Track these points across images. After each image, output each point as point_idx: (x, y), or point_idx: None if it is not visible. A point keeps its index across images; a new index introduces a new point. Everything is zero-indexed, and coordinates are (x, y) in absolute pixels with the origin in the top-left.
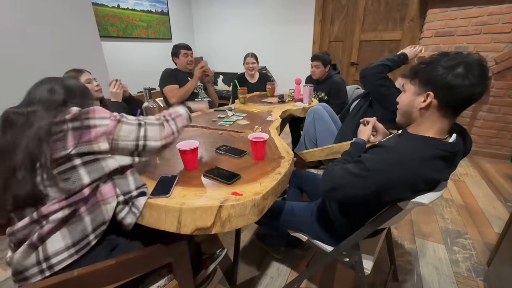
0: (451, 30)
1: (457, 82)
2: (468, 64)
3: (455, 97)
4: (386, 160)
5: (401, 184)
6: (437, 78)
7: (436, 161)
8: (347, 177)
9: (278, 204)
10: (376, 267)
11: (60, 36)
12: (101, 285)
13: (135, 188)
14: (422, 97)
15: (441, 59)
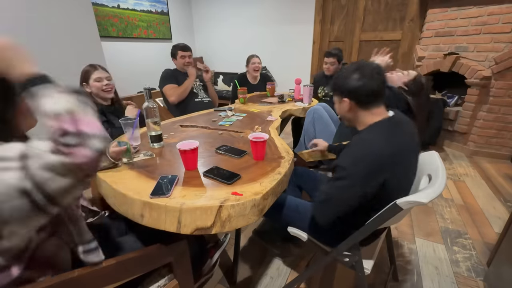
0: (451, 30)
1: (357, 84)
2: (360, 68)
3: (361, 95)
4: (355, 152)
5: (378, 166)
6: (344, 87)
7: (391, 134)
8: (332, 187)
9: (283, 198)
10: (376, 267)
11: (60, 36)
12: (101, 285)
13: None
14: (343, 103)
15: (342, 71)
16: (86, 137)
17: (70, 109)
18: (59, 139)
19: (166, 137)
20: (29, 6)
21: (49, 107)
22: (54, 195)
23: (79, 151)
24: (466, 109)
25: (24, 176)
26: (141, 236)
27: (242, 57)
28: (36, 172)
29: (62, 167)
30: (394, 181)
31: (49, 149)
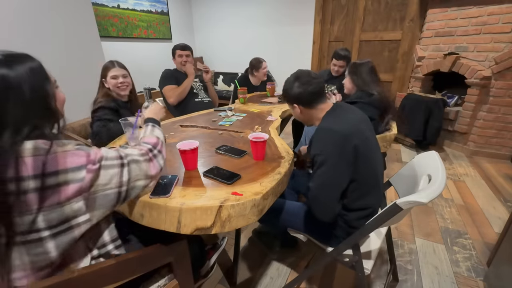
0: (451, 30)
1: (298, 90)
2: (297, 76)
3: (304, 98)
4: (320, 137)
5: (344, 137)
6: (291, 95)
7: (339, 114)
8: (317, 177)
9: (281, 203)
10: (376, 267)
11: (60, 36)
12: (101, 285)
13: (111, 240)
14: (295, 108)
15: (286, 83)
16: (160, 154)
17: (163, 139)
18: (153, 149)
19: (166, 137)
20: (29, 6)
21: (156, 133)
22: (131, 191)
23: (154, 161)
24: (466, 109)
25: (127, 171)
26: (141, 236)
27: (242, 57)
28: (133, 173)
29: (146, 172)
30: (362, 145)
31: (140, 153)
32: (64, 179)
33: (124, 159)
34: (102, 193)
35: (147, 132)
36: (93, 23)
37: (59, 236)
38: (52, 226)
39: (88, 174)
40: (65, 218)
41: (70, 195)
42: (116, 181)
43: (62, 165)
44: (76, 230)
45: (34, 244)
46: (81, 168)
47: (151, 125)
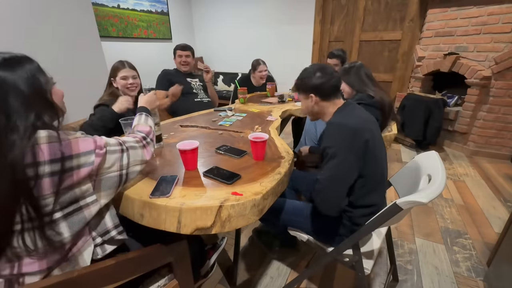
0: (451, 30)
1: (320, 81)
2: (321, 68)
3: (324, 90)
4: (332, 132)
5: (355, 131)
6: (309, 85)
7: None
8: (326, 169)
9: (281, 203)
10: (376, 267)
11: (60, 36)
12: (101, 285)
13: (113, 226)
14: (309, 99)
15: (305, 72)
16: (152, 142)
17: (154, 128)
18: (146, 137)
19: (166, 137)
20: (29, 6)
21: (148, 122)
22: (130, 174)
23: (148, 148)
24: (466, 109)
25: (126, 156)
26: (141, 236)
27: (242, 57)
28: (131, 157)
29: (142, 157)
30: (372, 141)
31: (135, 141)
32: (77, 163)
33: (123, 145)
34: (106, 175)
35: (141, 120)
36: (93, 23)
37: (70, 216)
38: (64, 207)
39: (97, 158)
40: (75, 198)
41: (81, 177)
42: (118, 165)
43: (75, 150)
44: (85, 211)
45: (48, 227)
46: (91, 153)
47: (144, 114)
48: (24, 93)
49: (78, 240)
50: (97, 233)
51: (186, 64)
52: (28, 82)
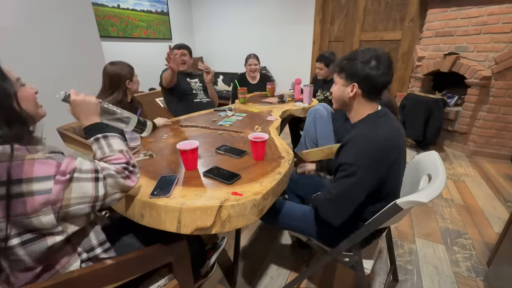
0: (451, 30)
1: (374, 72)
2: (378, 57)
3: (373, 85)
4: (357, 147)
5: (383, 153)
6: (359, 72)
7: (383, 123)
8: (340, 183)
9: (281, 205)
10: (376, 267)
11: (60, 36)
12: (101, 285)
13: (98, 244)
14: (349, 87)
15: (358, 55)
16: (136, 168)
17: (127, 149)
18: (127, 167)
19: (166, 137)
20: (29, 6)
21: (116, 145)
22: (107, 203)
23: (133, 177)
24: (466, 109)
25: (102, 186)
26: (141, 236)
27: (242, 57)
28: (109, 188)
29: (123, 186)
30: (398, 161)
31: (116, 171)
32: (29, 189)
33: (100, 173)
34: (75, 207)
35: (104, 150)
36: (93, 23)
37: (28, 245)
38: (21, 233)
39: (56, 185)
40: (34, 228)
41: (37, 207)
42: (92, 195)
43: (27, 174)
44: (48, 239)
45: (6, 251)
46: (48, 179)
47: (101, 137)
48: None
49: (59, 258)
50: (83, 248)
51: (183, 63)
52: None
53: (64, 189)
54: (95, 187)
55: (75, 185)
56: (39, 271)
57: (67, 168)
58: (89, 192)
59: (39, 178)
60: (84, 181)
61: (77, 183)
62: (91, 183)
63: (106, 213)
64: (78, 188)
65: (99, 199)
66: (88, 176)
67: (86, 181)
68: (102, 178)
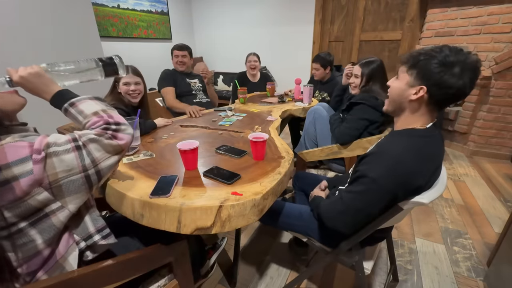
0: (451, 30)
1: (452, 81)
2: (465, 65)
3: (446, 95)
4: (385, 165)
5: (409, 179)
6: (435, 76)
7: (425, 149)
8: (356, 198)
9: (281, 206)
10: (376, 267)
11: (60, 36)
12: (101, 285)
13: (96, 231)
14: (414, 89)
15: (441, 53)
16: (121, 125)
17: (103, 109)
18: (107, 127)
19: (166, 137)
20: (29, 6)
21: (88, 109)
22: (103, 170)
23: (120, 135)
24: (466, 109)
25: (86, 153)
26: (141, 236)
27: (242, 57)
28: (95, 152)
29: (112, 147)
30: (420, 190)
31: (96, 134)
32: (11, 175)
33: (78, 141)
34: (66, 180)
35: (78, 119)
36: (93, 23)
37: (38, 223)
38: (26, 217)
39: (35, 165)
40: (35, 209)
41: (26, 189)
42: (78, 165)
43: (2, 161)
44: (52, 217)
45: (18, 235)
46: (24, 160)
47: (68, 106)
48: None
49: (59, 245)
50: (80, 237)
51: (182, 64)
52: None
53: (44, 166)
54: (78, 156)
55: (55, 160)
56: (47, 255)
57: (40, 146)
58: (73, 162)
59: (15, 162)
60: (64, 153)
61: (56, 158)
62: (72, 153)
63: (106, 213)
64: (59, 162)
65: (89, 167)
66: (66, 147)
67: (67, 153)
68: (82, 146)
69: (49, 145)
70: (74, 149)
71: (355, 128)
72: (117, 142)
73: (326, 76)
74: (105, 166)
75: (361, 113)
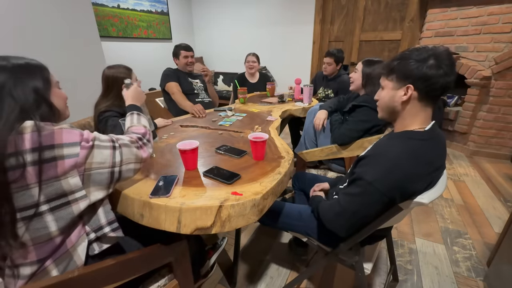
0: (451, 30)
1: (432, 72)
2: (438, 55)
3: (433, 87)
4: (382, 168)
5: (410, 181)
6: (414, 72)
7: (424, 152)
8: (353, 200)
9: (281, 206)
10: (376, 267)
11: (60, 36)
12: (101, 285)
13: (107, 223)
14: (402, 90)
15: (412, 53)
16: (150, 142)
17: (148, 126)
18: (141, 138)
19: (166, 137)
20: (29, 6)
21: (142, 121)
22: (124, 172)
23: (145, 148)
24: (466, 109)
25: (119, 153)
26: (141, 236)
27: (242, 57)
28: (124, 155)
29: (136, 156)
30: (417, 194)
31: (130, 141)
32: (60, 154)
33: (116, 143)
34: (96, 171)
35: (133, 121)
36: (93, 23)
37: (57, 210)
38: (50, 200)
39: (82, 150)
40: (63, 192)
41: (66, 169)
42: (110, 161)
43: (58, 140)
44: (73, 206)
45: (34, 219)
46: (75, 144)
47: (136, 113)
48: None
49: (71, 234)
50: (91, 228)
51: (192, 64)
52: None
53: (88, 154)
54: (113, 154)
55: (96, 151)
56: (58, 242)
57: (89, 136)
58: (108, 157)
59: (68, 144)
60: (104, 148)
61: (98, 150)
62: (110, 150)
63: None
64: (99, 154)
65: (117, 165)
66: (107, 144)
67: (106, 149)
68: (118, 146)
69: (95, 138)
70: (111, 147)
71: (355, 130)
72: (141, 153)
73: (334, 72)
74: (127, 169)
75: (363, 115)
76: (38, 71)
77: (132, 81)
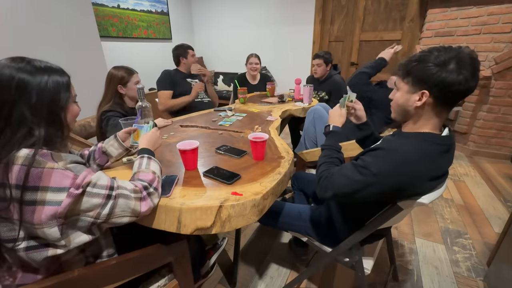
0: (451, 30)
1: (452, 78)
2: (460, 58)
3: (451, 94)
4: (391, 162)
5: (412, 183)
6: (432, 77)
7: (437, 157)
8: (353, 185)
9: (281, 206)
10: (376, 267)
11: (60, 36)
12: (101, 285)
13: (107, 255)
14: (416, 95)
15: (431, 55)
16: (157, 192)
17: (159, 174)
18: (148, 187)
19: (166, 137)
20: (29, 6)
21: (153, 166)
22: (108, 224)
23: (148, 201)
24: (466, 109)
25: (110, 206)
26: (141, 236)
27: (242, 57)
28: (117, 208)
29: (133, 211)
30: (417, 197)
31: (133, 190)
32: (42, 198)
33: (114, 191)
34: (78, 217)
35: (142, 165)
36: (93, 23)
37: (30, 251)
38: (28, 238)
39: (67, 198)
40: (39, 236)
41: (43, 219)
42: (95, 212)
43: (44, 182)
44: (50, 250)
45: (12, 251)
46: (62, 190)
47: (146, 157)
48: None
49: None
50: (90, 253)
51: (196, 60)
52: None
53: (72, 202)
54: (102, 205)
55: (85, 199)
56: (42, 276)
57: (82, 182)
58: (94, 207)
59: (54, 188)
60: (95, 196)
61: (87, 198)
62: (100, 200)
63: None
64: (87, 202)
65: (102, 218)
66: (101, 192)
67: (97, 197)
68: (114, 197)
69: (90, 184)
70: (105, 197)
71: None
72: (140, 207)
73: (325, 74)
74: (113, 222)
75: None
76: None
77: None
